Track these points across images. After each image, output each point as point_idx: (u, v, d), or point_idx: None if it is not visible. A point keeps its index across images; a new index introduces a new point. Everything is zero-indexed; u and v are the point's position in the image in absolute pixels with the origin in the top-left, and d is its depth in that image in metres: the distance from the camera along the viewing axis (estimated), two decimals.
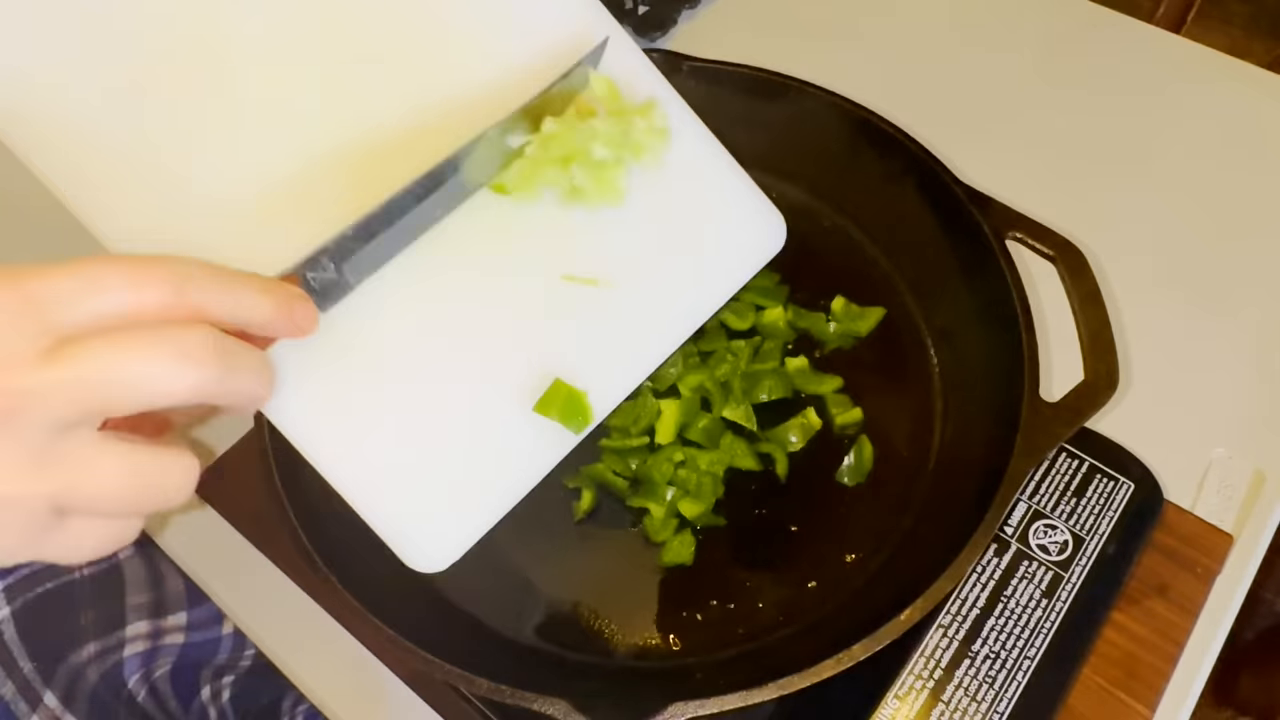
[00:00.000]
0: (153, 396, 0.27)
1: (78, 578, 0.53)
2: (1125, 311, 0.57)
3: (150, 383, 0.27)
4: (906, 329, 0.58)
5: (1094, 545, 0.51)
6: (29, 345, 0.25)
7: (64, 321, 0.26)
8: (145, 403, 0.27)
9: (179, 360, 0.27)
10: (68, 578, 0.53)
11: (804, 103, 0.60)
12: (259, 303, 0.30)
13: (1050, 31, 0.77)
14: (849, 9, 0.79)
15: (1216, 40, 0.76)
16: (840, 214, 0.62)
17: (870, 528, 0.52)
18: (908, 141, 0.57)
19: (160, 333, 0.27)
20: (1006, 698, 0.47)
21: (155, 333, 0.27)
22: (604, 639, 0.49)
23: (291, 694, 0.52)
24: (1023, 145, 0.69)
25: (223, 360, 0.28)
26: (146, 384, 0.26)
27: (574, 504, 0.53)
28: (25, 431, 0.25)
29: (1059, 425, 0.48)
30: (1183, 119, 0.71)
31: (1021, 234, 0.54)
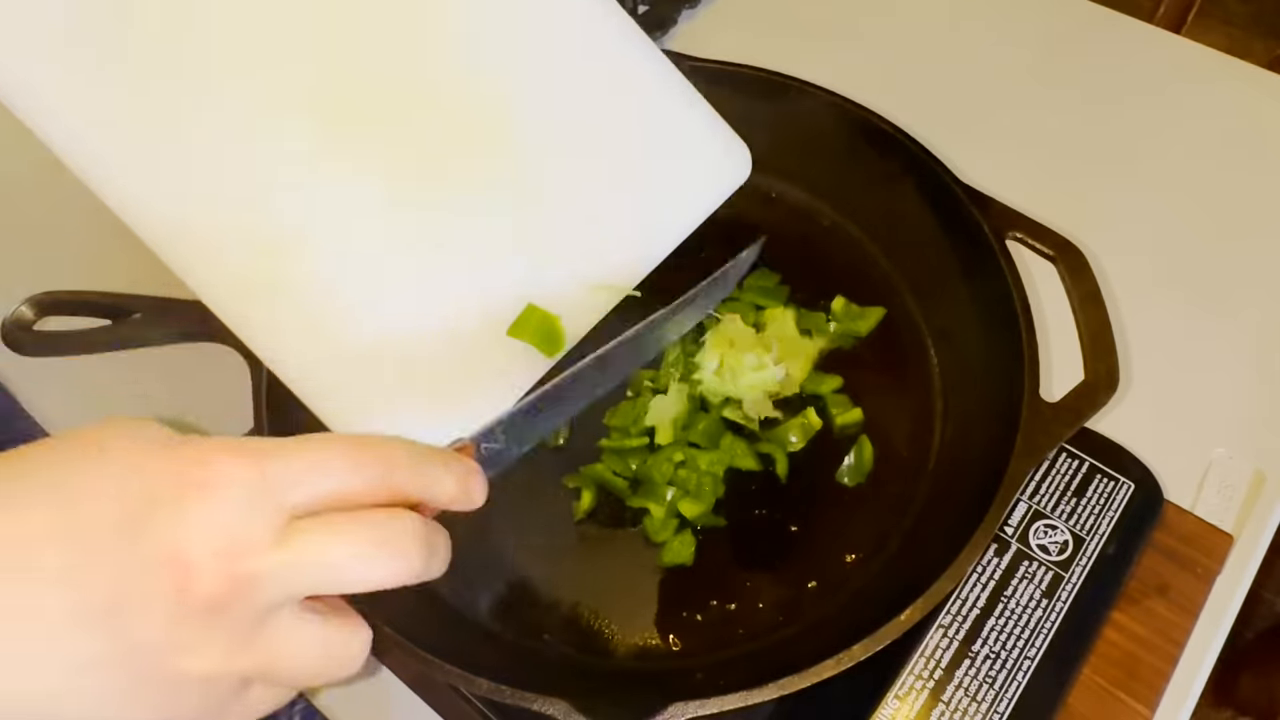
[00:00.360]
0: (364, 584, 0.28)
1: None
2: (1125, 311, 0.57)
3: (363, 572, 0.28)
4: (906, 329, 0.58)
5: (1094, 545, 0.51)
6: (266, 527, 0.27)
7: (293, 503, 0.27)
8: (355, 588, 0.28)
9: (391, 552, 0.28)
10: None
11: (804, 103, 0.60)
12: (446, 483, 0.32)
13: (1050, 31, 0.77)
14: (849, 9, 0.79)
15: (1216, 40, 0.76)
16: (840, 214, 0.62)
17: (870, 528, 0.52)
18: (908, 141, 0.57)
19: (376, 524, 0.28)
20: (1006, 698, 0.47)
21: (372, 523, 0.28)
22: (604, 639, 0.49)
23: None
24: (1023, 145, 0.69)
25: (426, 550, 0.29)
26: (359, 573, 0.28)
27: (574, 504, 0.53)
28: (245, 611, 0.26)
29: (1059, 425, 0.48)
30: (1183, 119, 0.71)
31: (1021, 234, 0.54)
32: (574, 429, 0.55)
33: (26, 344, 0.51)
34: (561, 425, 0.38)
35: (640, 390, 0.55)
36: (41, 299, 0.51)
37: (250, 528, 0.26)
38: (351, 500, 0.28)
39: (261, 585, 0.26)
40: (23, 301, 0.51)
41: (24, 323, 0.51)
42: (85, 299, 0.52)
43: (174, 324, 0.52)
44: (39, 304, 0.51)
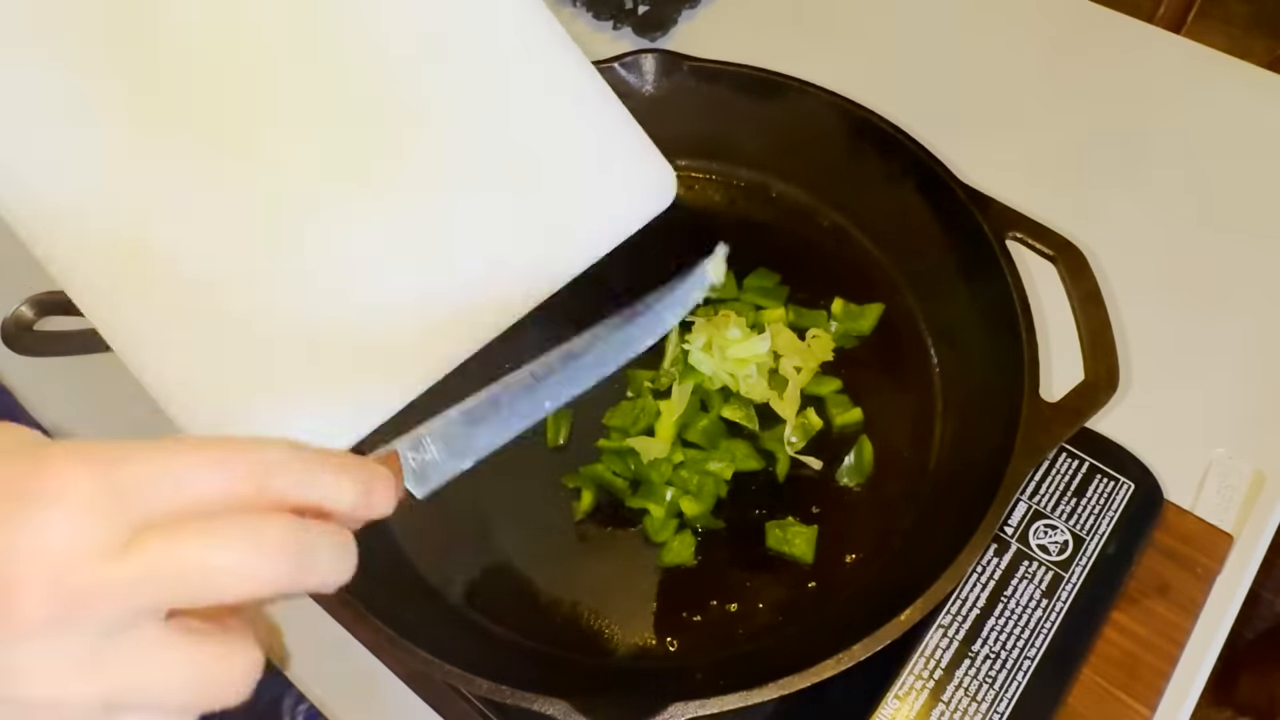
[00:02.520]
0: (225, 594, 0.25)
1: None
2: (1125, 311, 0.57)
3: (223, 580, 0.25)
4: (906, 329, 0.58)
5: (1094, 545, 0.51)
6: (105, 538, 0.24)
7: (143, 512, 0.25)
8: (216, 600, 0.25)
9: (255, 556, 0.26)
10: None
11: (804, 103, 0.60)
12: (342, 490, 0.28)
13: (1050, 31, 0.77)
14: (849, 9, 0.79)
15: (1216, 40, 0.76)
16: (840, 214, 0.62)
17: (870, 528, 0.52)
18: (908, 141, 0.57)
19: (237, 526, 0.26)
20: (1006, 698, 0.47)
21: (232, 526, 0.26)
22: (604, 639, 0.49)
23: (292, 693, 0.52)
24: (1023, 145, 0.69)
25: (300, 554, 0.26)
26: (219, 581, 0.25)
27: (574, 504, 0.53)
28: (85, 629, 0.24)
29: (1059, 425, 0.48)
30: (1183, 119, 0.71)
31: (1021, 234, 0.54)
32: (574, 429, 0.55)
33: (26, 344, 0.50)
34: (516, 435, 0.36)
35: (640, 391, 0.55)
36: (41, 299, 0.51)
37: (88, 538, 0.24)
38: (218, 508, 0.26)
39: (104, 600, 0.24)
40: (23, 301, 0.51)
41: (24, 323, 0.51)
42: None
43: None
44: (39, 304, 0.51)
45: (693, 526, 0.52)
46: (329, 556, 0.27)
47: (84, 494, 0.24)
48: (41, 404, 0.62)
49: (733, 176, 0.65)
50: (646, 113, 0.63)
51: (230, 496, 0.26)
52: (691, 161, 0.65)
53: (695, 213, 0.64)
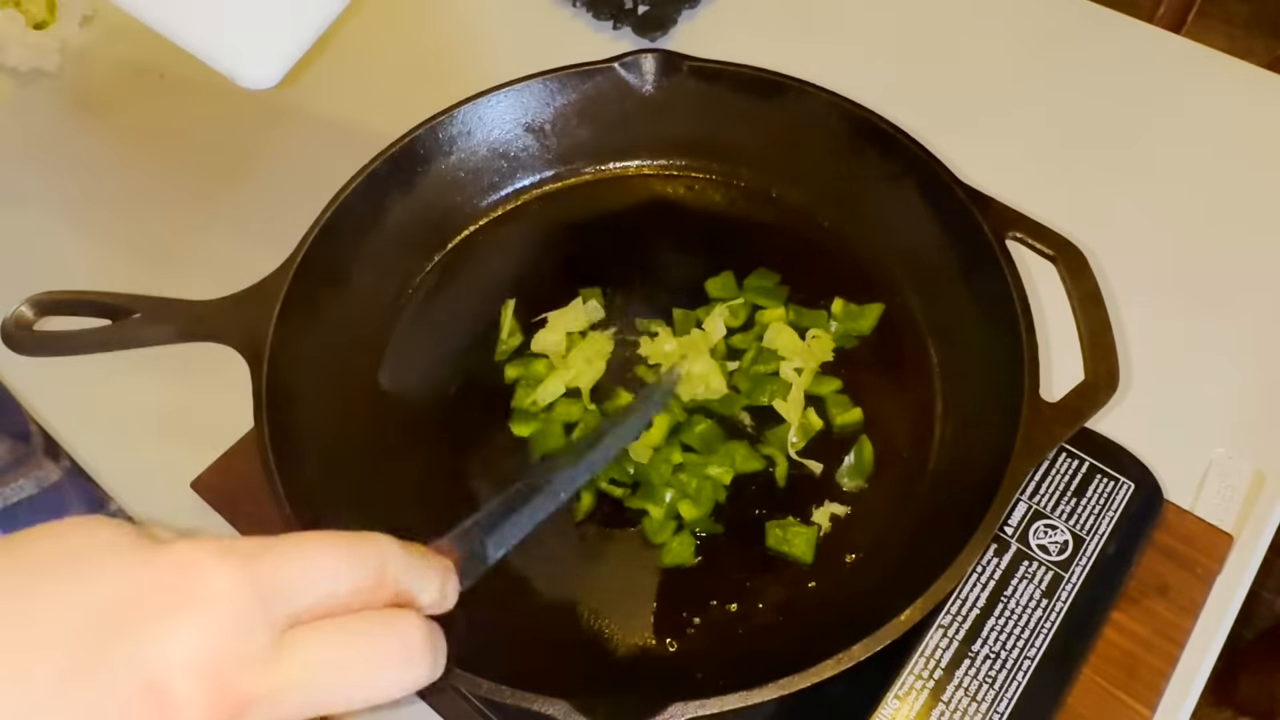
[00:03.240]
0: (370, 699, 0.26)
1: None
2: (1125, 311, 0.57)
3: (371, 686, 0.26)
4: (906, 329, 0.58)
5: (1094, 545, 0.51)
6: (259, 643, 0.24)
7: (289, 612, 0.25)
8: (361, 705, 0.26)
9: (400, 660, 0.26)
10: None
11: (804, 103, 0.60)
12: (432, 582, 0.29)
13: (1050, 31, 0.77)
14: (849, 9, 0.79)
15: (1216, 40, 0.76)
16: (840, 214, 0.62)
17: (870, 528, 0.52)
18: (908, 141, 0.57)
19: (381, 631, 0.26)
20: (1006, 698, 0.47)
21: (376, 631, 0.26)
22: (604, 639, 0.49)
23: None
24: (1023, 145, 0.69)
25: (434, 653, 0.27)
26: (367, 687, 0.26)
27: (574, 505, 0.53)
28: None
29: (1059, 425, 0.48)
30: (1183, 119, 0.71)
31: (1021, 234, 0.54)
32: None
33: (26, 344, 0.50)
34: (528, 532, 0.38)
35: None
36: (41, 299, 0.51)
37: (241, 645, 0.23)
38: (346, 604, 0.26)
39: (257, 710, 0.24)
40: (23, 301, 0.51)
41: (24, 323, 0.51)
42: (85, 299, 0.52)
43: (173, 324, 0.52)
44: (39, 304, 0.51)
45: (692, 528, 0.52)
46: (444, 647, 0.28)
47: (235, 597, 0.24)
48: (41, 404, 0.62)
49: (733, 176, 0.65)
50: (646, 113, 0.64)
51: (358, 590, 0.26)
52: (691, 161, 0.65)
53: (695, 213, 0.64)
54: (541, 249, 0.64)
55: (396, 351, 0.59)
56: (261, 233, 0.62)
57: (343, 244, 0.57)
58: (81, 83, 0.79)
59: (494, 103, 0.62)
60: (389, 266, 0.61)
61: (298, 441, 0.50)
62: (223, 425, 0.57)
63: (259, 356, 0.50)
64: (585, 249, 0.64)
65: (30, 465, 0.56)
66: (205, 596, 0.23)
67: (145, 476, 0.58)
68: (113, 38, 0.81)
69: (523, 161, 0.64)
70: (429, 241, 0.63)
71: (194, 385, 0.60)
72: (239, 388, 0.50)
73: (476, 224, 0.64)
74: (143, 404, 0.61)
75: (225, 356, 0.51)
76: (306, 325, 0.54)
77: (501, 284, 0.62)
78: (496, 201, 0.64)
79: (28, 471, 0.56)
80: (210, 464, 0.57)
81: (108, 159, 0.74)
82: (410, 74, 0.77)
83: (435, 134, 0.61)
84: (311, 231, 0.55)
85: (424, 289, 0.62)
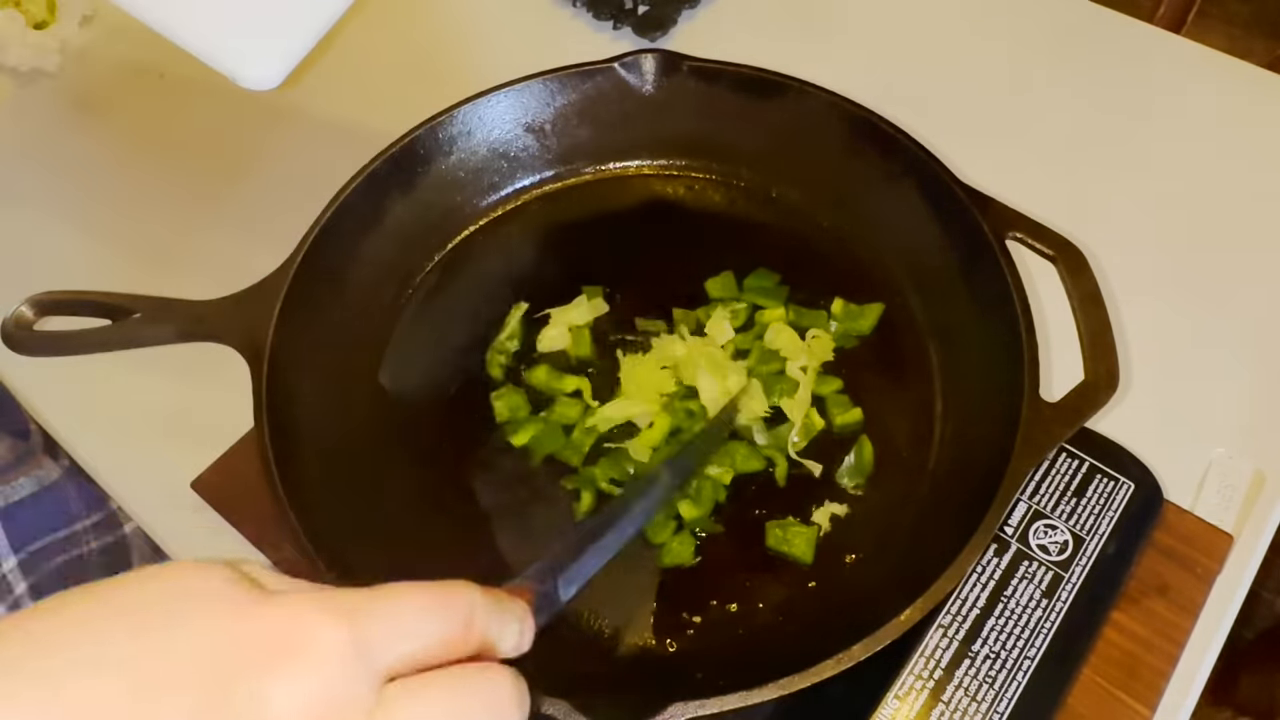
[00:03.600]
0: None
1: (86, 551, 0.54)
2: (1125, 311, 0.57)
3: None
4: (906, 329, 0.58)
5: (1094, 545, 0.51)
6: (360, 696, 0.24)
7: (389, 665, 0.25)
8: None
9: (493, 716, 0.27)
10: (77, 551, 0.54)
11: (804, 103, 0.60)
12: (512, 629, 0.30)
13: (1050, 31, 0.77)
14: (849, 9, 0.79)
15: (1216, 40, 0.76)
16: (840, 214, 0.62)
17: (870, 528, 0.52)
18: (908, 141, 0.57)
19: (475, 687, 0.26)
20: (1006, 698, 0.47)
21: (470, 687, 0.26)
22: (604, 639, 0.49)
23: None
24: (1022, 145, 0.69)
25: (523, 706, 0.28)
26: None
27: (574, 505, 0.53)
28: None
29: (1059, 425, 0.48)
30: (1183, 119, 0.71)
31: (1021, 234, 0.54)
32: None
33: (26, 344, 0.50)
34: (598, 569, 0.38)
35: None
36: (41, 299, 0.51)
37: (348, 697, 0.24)
38: (437, 655, 0.26)
39: None
40: (23, 301, 0.51)
41: (24, 323, 0.51)
42: (85, 299, 0.52)
43: (174, 324, 0.52)
44: (39, 304, 0.51)
45: (692, 528, 0.52)
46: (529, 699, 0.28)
47: (338, 649, 0.24)
48: (41, 404, 0.62)
49: (733, 176, 0.65)
50: (646, 113, 0.64)
51: (448, 642, 0.27)
52: (691, 161, 0.65)
53: (695, 213, 0.64)
54: (541, 249, 0.64)
55: (397, 351, 0.59)
56: (261, 233, 0.62)
57: (343, 244, 0.57)
58: (81, 83, 0.79)
59: (494, 103, 0.62)
60: (389, 266, 0.61)
61: (298, 441, 0.50)
62: (223, 425, 0.57)
63: (259, 356, 0.50)
64: (585, 249, 0.64)
65: (31, 464, 0.57)
66: (311, 650, 0.24)
67: (145, 476, 0.58)
68: (113, 38, 0.81)
69: (523, 161, 0.64)
70: (429, 241, 0.63)
71: (194, 385, 0.60)
72: (239, 388, 0.50)
73: (476, 224, 0.64)
74: (143, 404, 0.61)
75: (225, 356, 0.51)
76: (306, 325, 0.54)
77: (502, 284, 0.62)
78: (496, 201, 0.64)
79: (28, 470, 0.56)
80: (210, 464, 0.57)
81: (108, 159, 0.74)
82: (410, 74, 0.77)
83: (435, 134, 0.61)
84: (311, 231, 0.55)
85: (424, 289, 0.62)
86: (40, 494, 0.57)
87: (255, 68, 0.40)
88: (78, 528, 0.57)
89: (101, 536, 0.58)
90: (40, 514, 0.55)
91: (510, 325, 0.59)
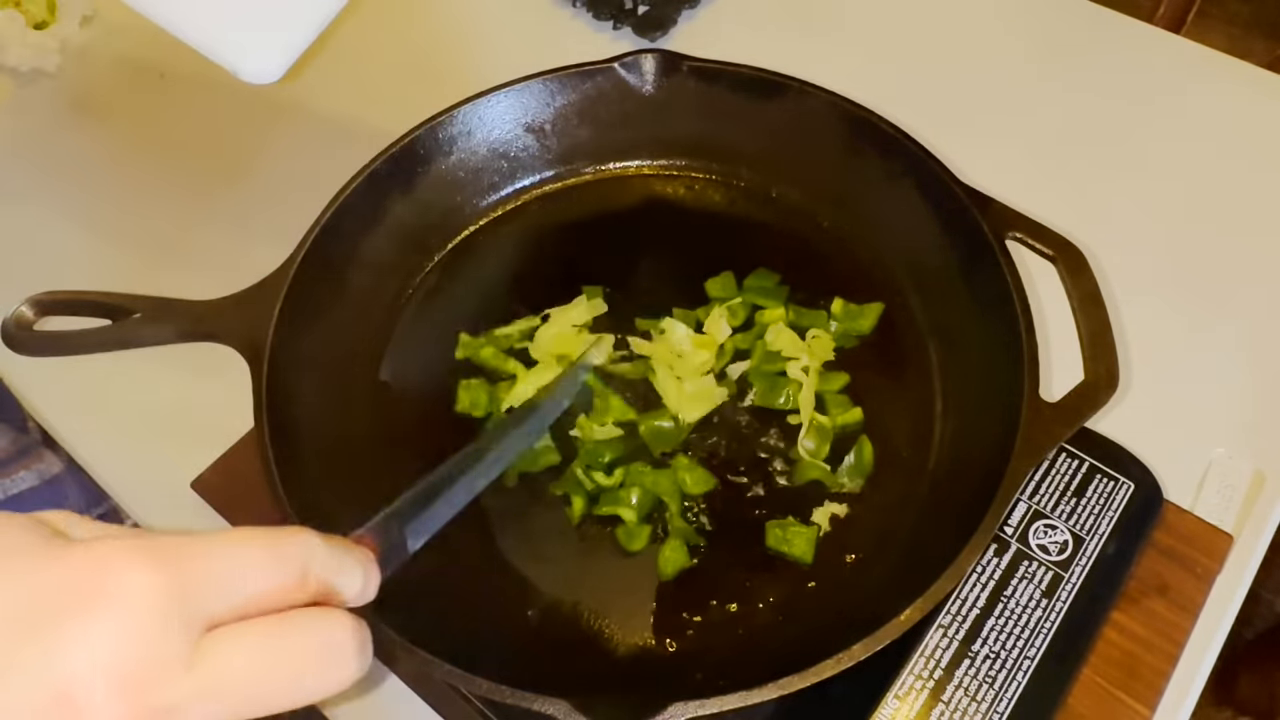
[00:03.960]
0: (297, 702, 0.24)
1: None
2: (1125, 311, 0.57)
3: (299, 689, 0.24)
4: (907, 329, 0.58)
5: (1094, 545, 0.51)
6: (176, 647, 0.22)
7: (209, 613, 0.23)
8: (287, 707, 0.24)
9: (330, 661, 0.25)
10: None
11: (804, 103, 0.60)
12: (355, 576, 0.28)
13: (1050, 31, 0.77)
14: (849, 9, 0.79)
15: (1216, 40, 0.76)
16: (840, 214, 0.62)
17: (870, 528, 0.52)
18: (908, 141, 0.57)
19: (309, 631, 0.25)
20: (1006, 698, 0.47)
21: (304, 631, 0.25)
22: (604, 639, 0.49)
23: None
24: (1023, 145, 0.69)
25: (363, 652, 0.26)
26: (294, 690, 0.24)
27: (567, 510, 0.53)
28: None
29: (1059, 425, 0.48)
30: (1183, 119, 0.71)
31: (1021, 234, 0.54)
32: (563, 448, 0.55)
33: (26, 344, 0.50)
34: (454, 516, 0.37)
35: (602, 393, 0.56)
36: (41, 299, 0.51)
37: (157, 650, 0.22)
38: (269, 603, 0.24)
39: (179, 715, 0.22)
40: (23, 301, 0.51)
41: (24, 323, 0.51)
42: (85, 299, 0.52)
43: (173, 324, 0.52)
44: (39, 304, 0.51)
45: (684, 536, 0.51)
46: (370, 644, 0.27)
47: (150, 598, 0.22)
48: (42, 403, 0.62)
49: (733, 176, 0.65)
50: (646, 113, 0.63)
51: (282, 587, 0.25)
52: (691, 161, 0.65)
53: (695, 213, 0.64)
54: (542, 249, 0.64)
55: (397, 351, 0.59)
56: (261, 232, 0.62)
57: (343, 244, 0.57)
58: (81, 83, 0.79)
59: (494, 103, 0.62)
60: (389, 266, 0.61)
61: (298, 441, 0.50)
62: (223, 425, 0.57)
63: (259, 356, 0.50)
64: (585, 249, 0.64)
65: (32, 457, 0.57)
66: (118, 597, 0.22)
67: (145, 476, 0.58)
68: (112, 38, 0.81)
69: (523, 161, 0.64)
70: (429, 241, 0.63)
71: (194, 385, 0.60)
72: (239, 388, 0.50)
73: (476, 224, 0.64)
74: (143, 404, 0.61)
75: (225, 356, 0.51)
76: (306, 325, 0.54)
77: (502, 284, 0.62)
78: (496, 201, 0.64)
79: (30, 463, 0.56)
80: (210, 464, 0.57)
81: (107, 159, 0.75)
82: (410, 74, 0.77)
83: (435, 134, 0.61)
84: (311, 231, 0.55)
85: (424, 289, 0.62)
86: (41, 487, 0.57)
87: (256, 61, 0.40)
88: None
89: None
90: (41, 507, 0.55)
91: (513, 327, 0.59)
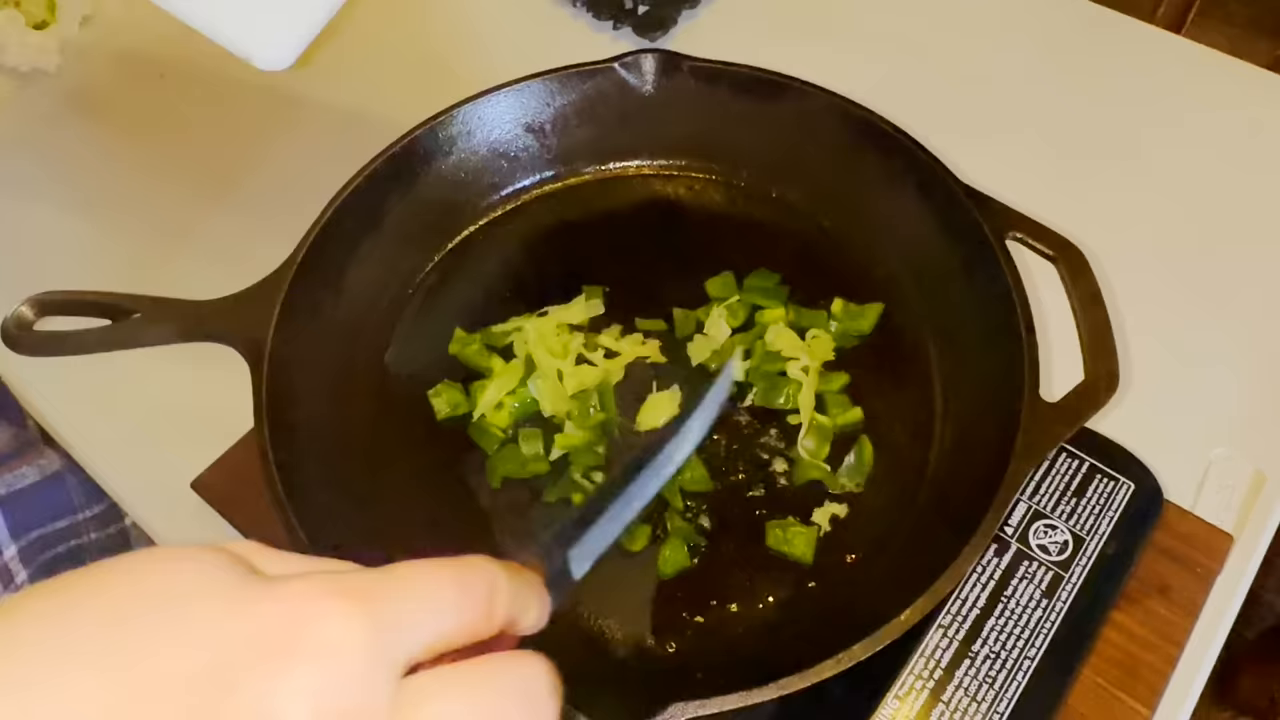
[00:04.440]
0: None
1: (86, 541, 0.54)
2: (1125, 311, 0.57)
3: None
4: (907, 329, 0.58)
5: (1094, 545, 0.51)
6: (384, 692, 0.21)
7: (408, 655, 0.22)
8: None
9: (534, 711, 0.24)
10: (78, 541, 0.54)
11: (804, 103, 0.60)
12: (533, 608, 0.27)
13: (1050, 31, 0.77)
14: (849, 9, 0.79)
15: (1216, 40, 0.76)
16: (840, 214, 0.62)
17: (870, 528, 0.52)
18: (908, 141, 0.57)
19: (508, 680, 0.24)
20: (1006, 698, 0.47)
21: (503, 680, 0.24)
22: (604, 639, 0.49)
23: None
24: (1023, 145, 0.69)
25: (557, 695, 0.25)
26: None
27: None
28: None
29: (1059, 425, 0.48)
30: (1183, 119, 0.71)
31: (1022, 234, 0.54)
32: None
33: (26, 344, 0.50)
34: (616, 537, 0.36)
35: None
36: (41, 299, 0.51)
37: (366, 697, 0.21)
38: (460, 639, 0.24)
39: None
40: (23, 301, 0.51)
41: (24, 323, 0.51)
42: (85, 299, 0.52)
43: (173, 324, 0.52)
44: (39, 304, 0.51)
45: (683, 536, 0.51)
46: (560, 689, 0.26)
47: (354, 644, 0.21)
48: (42, 403, 0.62)
49: (733, 176, 0.65)
50: (646, 113, 0.63)
51: (471, 626, 0.24)
52: (691, 161, 0.65)
53: (695, 213, 0.64)
54: (541, 249, 0.64)
55: (397, 351, 0.59)
56: (261, 232, 0.62)
57: (343, 244, 0.57)
58: (81, 82, 0.79)
59: (494, 103, 0.62)
60: (389, 266, 0.61)
61: (298, 441, 0.50)
62: (223, 425, 0.57)
63: (259, 357, 0.50)
64: (585, 249, 0.64)
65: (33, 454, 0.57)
66: (323, 645, 0.21)
67: (145, 476, 0.58)
68: (112, 37, 0.81)
69: (523, 161, 0.64)
70: (429, 241, 0.63)
71: (194, 385, 0.60)
72: (239, 388, 0.50)
73: (476, 224, 0.64)
74: (143, 403, 0.61)
75: (225, 356, 0.51)
76: (307, 325, 0.54)
77: (502, 284, 0.62)
78: (496, 201, 0.64)
79: (31, 460, 0.56)
80: (210, 464, 0.57)
81: (107, 159, 0.74)
82: (410, 74, 0.77)
83: (435, 134, 0.61)
84: (311, 231, 0.55)
85: (424, 289, 0.62)
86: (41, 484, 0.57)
87: (268, 48, 0.40)
88: (79, 518, 0.57)
89: (102, 528, 0.58)
90: (41, 503, 0.56)
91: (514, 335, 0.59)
